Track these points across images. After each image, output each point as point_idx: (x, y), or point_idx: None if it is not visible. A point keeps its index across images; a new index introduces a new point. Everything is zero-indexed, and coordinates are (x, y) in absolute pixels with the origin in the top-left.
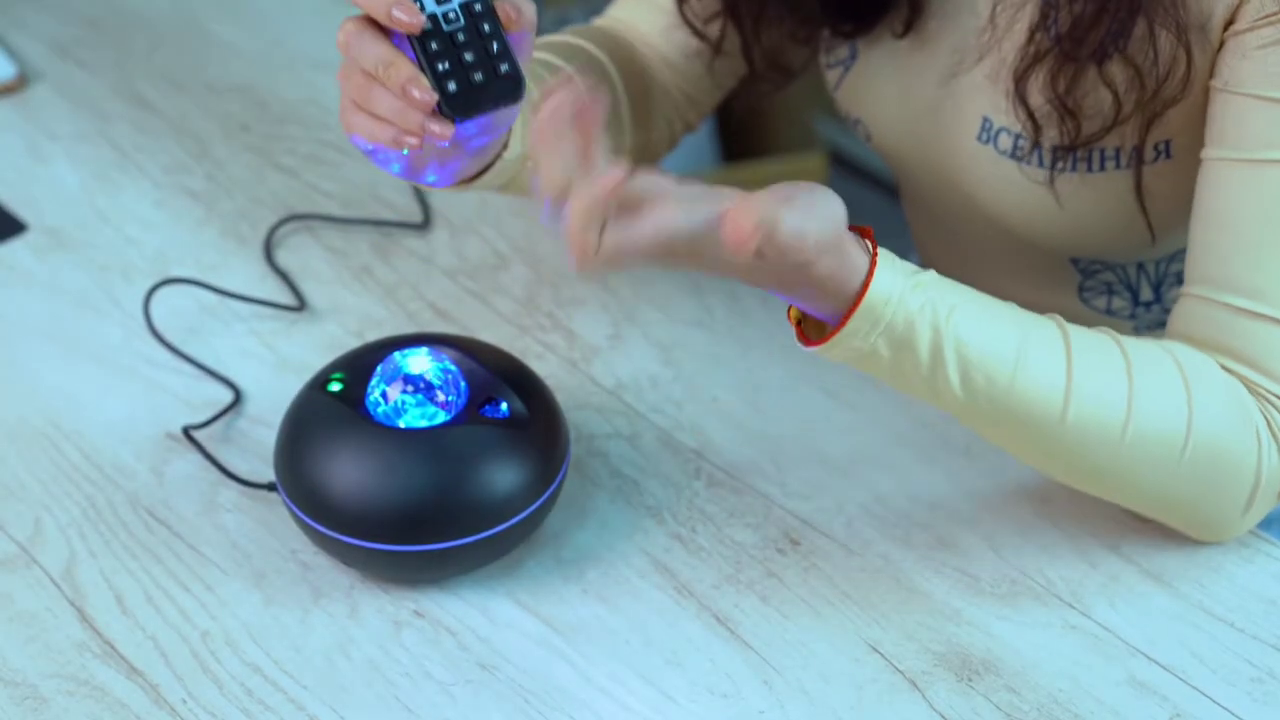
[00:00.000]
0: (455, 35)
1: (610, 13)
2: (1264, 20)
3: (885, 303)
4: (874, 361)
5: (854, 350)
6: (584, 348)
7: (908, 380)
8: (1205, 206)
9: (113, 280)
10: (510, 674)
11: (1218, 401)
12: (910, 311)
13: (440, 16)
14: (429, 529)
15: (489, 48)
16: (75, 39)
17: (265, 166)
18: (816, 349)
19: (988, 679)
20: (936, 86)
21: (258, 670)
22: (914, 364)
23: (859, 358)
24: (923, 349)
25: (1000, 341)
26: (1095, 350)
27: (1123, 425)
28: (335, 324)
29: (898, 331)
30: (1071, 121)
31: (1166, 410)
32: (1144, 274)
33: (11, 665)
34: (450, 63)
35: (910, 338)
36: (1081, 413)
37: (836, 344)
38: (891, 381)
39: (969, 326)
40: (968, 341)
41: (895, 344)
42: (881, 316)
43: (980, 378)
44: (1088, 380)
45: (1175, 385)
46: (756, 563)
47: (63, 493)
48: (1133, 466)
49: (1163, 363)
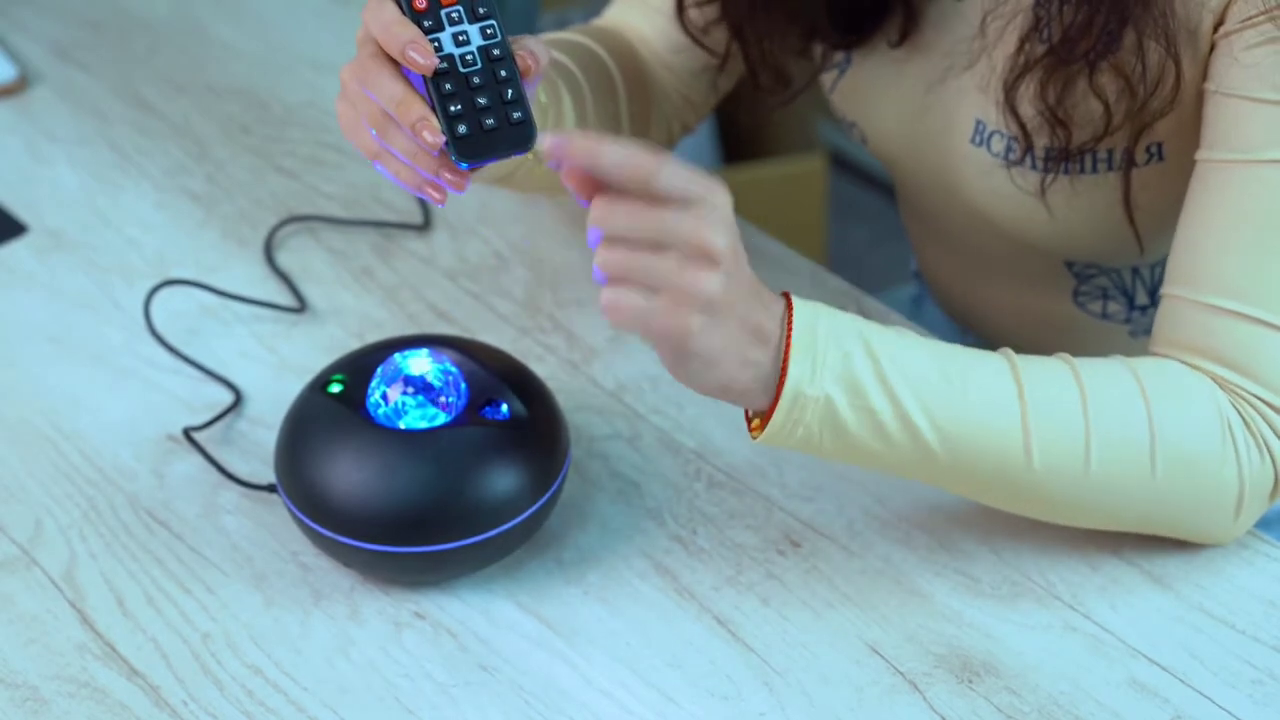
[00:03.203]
0: (471, 78)
1: (609, 13)
2: (1248, 22)
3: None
4: (828, 432)
5: (801, 426)
6: (584, 349)
7: (865, 450)
8: (1192, 207)
9: (113, 282)
10: (510, 675)
11: (1183, 412)
12: (852, 371)
13: (458, 58)
14: (429, 530)
15: (504, 94)
16: (76, 41)
17: (266, 168)
18: (764, 433)
19: (988, 681)
20: (928, 91)
21: (258, 672)
22: (875, 430)
23: (808, 436)
24: (885, 415)
25: (962, 394)
26: (1048, 384)
27: (1084, 457)
28: (336, 325)
29: (846, 401)
30: (1062, 131)
31: (1128, 433)
32: (1139, 278)
33: (12, 667)
34: (463, 105)
35: (866, 404)
36: (1045, 453)
37: (782, 417)
38: (840, 456)
39: (923, 385)
40: (931, 404)
41: (846, 414)
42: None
43: (948, 433)
44: (1042, 417)
45: (1134, 404)
46: (757, 564)
47: (63, 494)
48: (1106, 495)
49: (1120, 382)
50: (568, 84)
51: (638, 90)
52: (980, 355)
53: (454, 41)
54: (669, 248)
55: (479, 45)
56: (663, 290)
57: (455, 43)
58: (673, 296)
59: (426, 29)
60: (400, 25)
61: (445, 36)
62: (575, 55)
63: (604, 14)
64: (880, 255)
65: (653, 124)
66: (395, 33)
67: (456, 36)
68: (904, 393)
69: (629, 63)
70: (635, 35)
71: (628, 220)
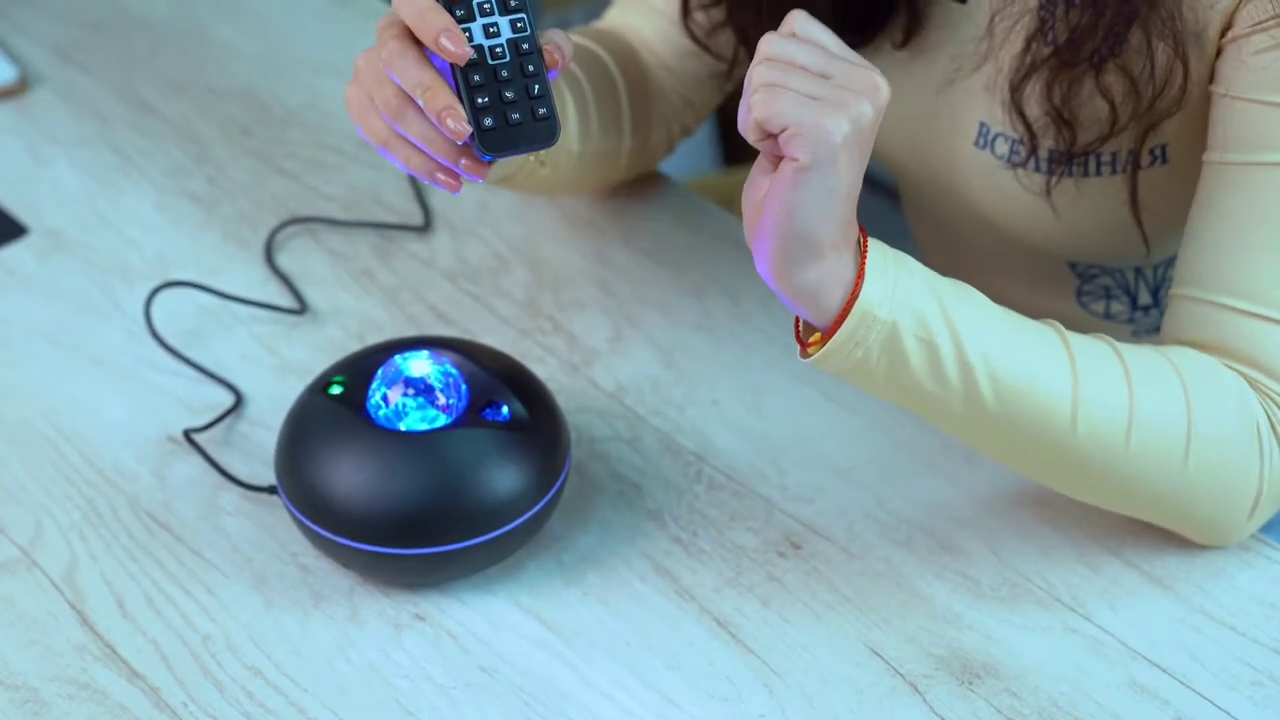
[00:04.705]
0: (499, 71)
1: (610, 15)
2: (1258, 26)
3: (880, 304)
4: (885, 359)
5: (867, 343)
6: (585, 351)
7: (916, 387)
8: (1201, 208)
9: (113, 283)
10: (511, 677)
11: (1218, 406)
12: (920, 311)
13: (487, 50)
14: (430, 532)
15: (530, 88)
16: (76, 42)
17: (266, 169)
18: (824, 347)
19: (988, 682)
20: (934, 94)
21: (259, 673)
22: (932, 367)
23: (871, 352)
24: (946, 353)
25: (1019, 349)
26: (1095, 357)
27: (1126, 433)
28: (336, 327)
29: (912, 331)
30: (1068, 131)
31: (1167, 417)
32: (1142, 278)
33: (12, 668)
34: (490, 98)
35: (930, 337)
36: (1090, 421)
37: (850, 332)
38: (888, 391)
39: (985, 334)
40: (990, 352)
41: (909, 344)
42: (889, 312)
43: (1003, 384)
44: (1092, 387)
45: (1174, 391)
46: (757, 566)
47: (64, 496)
48: (1139, 474)
49: (1161, 369)
50: (570, 84)
51: (639, 92)
52: (1031, 321)
53: (484, 33)
54: (833, 76)
55: (509, 38)
56: (820, 98)
57: (486, 34)
58: (830, 100)
59: (458, 18)
60: (434, 12)
61: (476, 27)
62: (577, 56)
63: (605, 16)
64: None
65: (653, 126)
66: (429, 19)
67: (487, 28)
68: (967, 335)
69: (630, 65)
70: (636, 38)
71: (802, 50)
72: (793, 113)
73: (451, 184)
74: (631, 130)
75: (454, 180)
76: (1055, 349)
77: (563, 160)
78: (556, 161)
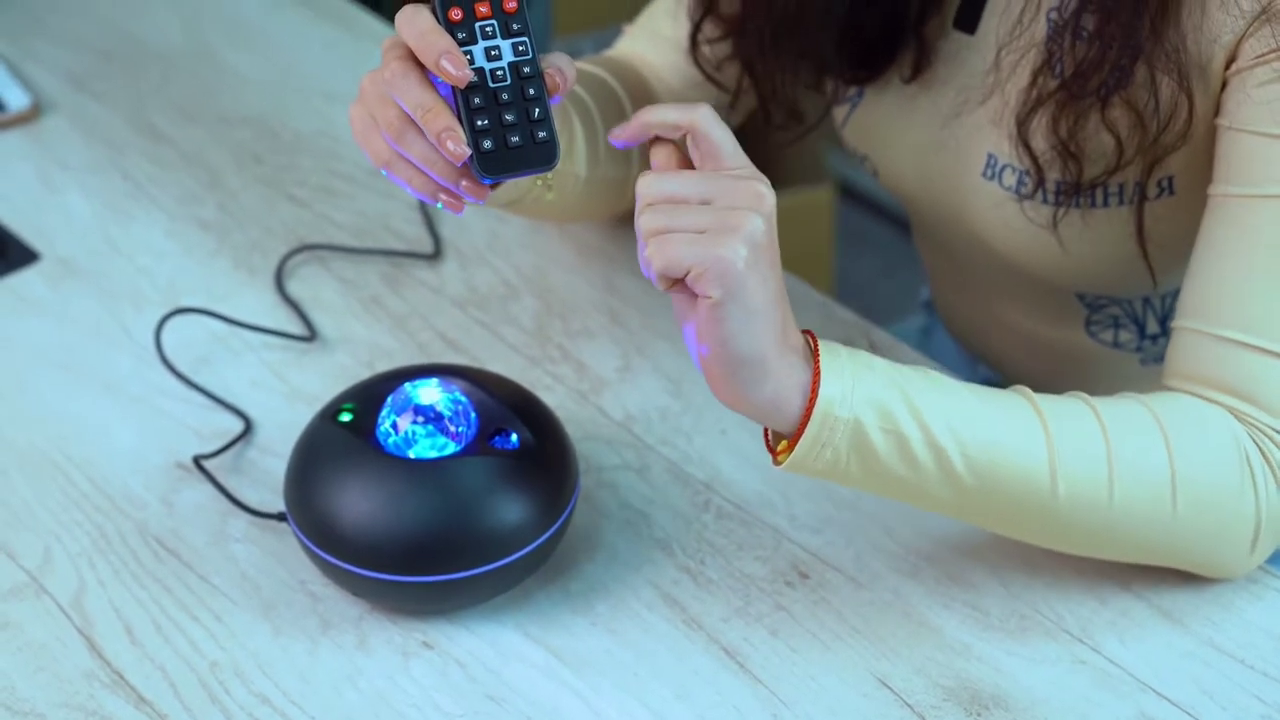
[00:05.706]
0: (500, 93)
1: (620, 45)
2: (1262, 59)
3: (843, 400)
4: (855, 456)
5: (828, 451)
6: (593, 379)
7: (893, 477)
8: (1204, 240)
9: (124, 310)
10: (518, 706)
11: (1201, 446)
12: (882, 401)
13: (488, 72)
14: (438, 560)
15: (531, 112)
16: (89, 70)
17: (277, 197)
18: (789, 458)
19: (997, 714)
20: (941, 126)
21: (266, 701)
22: (903, 456)
23: (834, 461)
24: (915, 440)
25: (989, 422)
26: (1068, 416)
27: (1109, 488)
28: (346, 354)
29: (876, 424)
30: (1074, 164)
31: (1149, 465)
32: (1150, 308)
33: (20, 695)
34: (490, 120)
35: (896, 428)
36: (1070, 481)
37: (810, 441)
38: (869, 484)
39: (951, 414)
40: (959, 430)
41: (876, 437)
42: (847, 411)
43: (976, 460)
44: (1067, 448)
45: (1154, 438)
46: (765, 596)
47: (72, 522)
48: (1126, 528)
49: (1138, 418)
50: (579, 111)
51: None
52: (999, 391)
53: (486, 56)
54: (714, 200)
55: (510, 61)
56: (707, 230)
57: (487, 57)
58: (719, 229)
59: (460, 41)
60: (436, 34)
61: (478, 50)
62: (587, 83)
63: (615, 45)
64: (888, 286)
65: None
66: (430, 41)
67: (489, 51)
68: (933, 418)
69: (639, 93)
70: (645, 67)
71: (677, 182)
72: (688, 254)
73: (454, 205)
74: (640, 160)
75: (456, 201)
76: (1026, 416)
77: (570, 186)
78: (563, 187)
